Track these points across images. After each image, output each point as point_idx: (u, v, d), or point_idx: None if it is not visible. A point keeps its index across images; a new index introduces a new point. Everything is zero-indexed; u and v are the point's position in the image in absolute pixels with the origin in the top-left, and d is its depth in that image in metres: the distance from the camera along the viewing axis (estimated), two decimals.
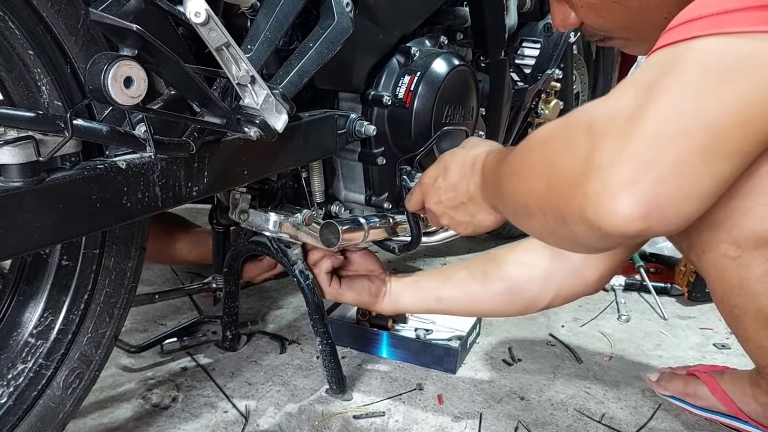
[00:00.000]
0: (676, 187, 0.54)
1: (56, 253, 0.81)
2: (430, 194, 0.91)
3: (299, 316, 1.41)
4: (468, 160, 0.84)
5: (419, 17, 1.09)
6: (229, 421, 1.03)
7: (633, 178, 0.54)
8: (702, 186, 0.54)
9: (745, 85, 0.54)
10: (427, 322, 1.32)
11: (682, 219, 0.55)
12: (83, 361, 0.84)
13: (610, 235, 0.56)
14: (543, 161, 0.65)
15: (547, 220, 0.64)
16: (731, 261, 0.65)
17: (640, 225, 0.54)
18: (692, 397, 1.06)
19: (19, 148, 0.62)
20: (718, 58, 0.55)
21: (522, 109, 1.47)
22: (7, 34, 0.66)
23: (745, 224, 0.62)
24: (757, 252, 0.63)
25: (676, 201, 0.54)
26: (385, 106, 1.03)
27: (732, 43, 0.55)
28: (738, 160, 0.56)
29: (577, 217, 0.58)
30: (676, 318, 1.44)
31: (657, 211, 0.54)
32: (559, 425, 1.04)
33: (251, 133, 0.77)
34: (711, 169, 0.54)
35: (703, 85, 0.54)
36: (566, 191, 0.59)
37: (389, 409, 1.07)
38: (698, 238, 0.67)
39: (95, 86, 0.60)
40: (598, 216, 0.56)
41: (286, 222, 1.03)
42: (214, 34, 0.67)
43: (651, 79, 0.57)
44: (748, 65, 0.54)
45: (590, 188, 0.56)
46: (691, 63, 0.55)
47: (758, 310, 0.66)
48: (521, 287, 1.02)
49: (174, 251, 1.43)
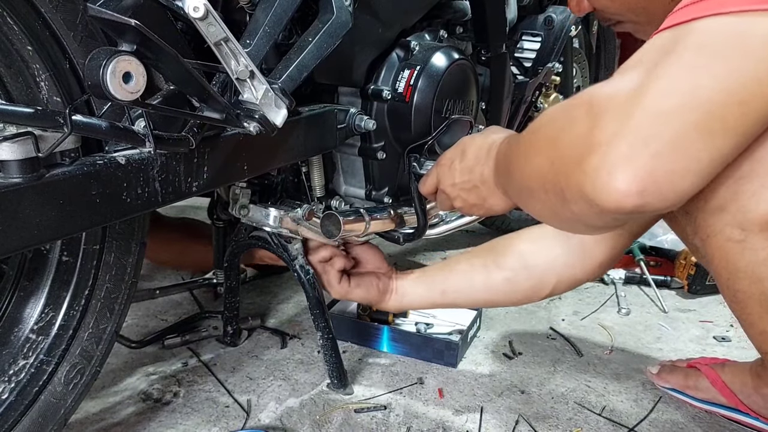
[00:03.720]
0: (672, 162, 0.54)
1: (57, 249, 0.81)
2: (445, 176, 0.92)
3: (300, 310, 1.41)
4: (485, 145, 0.85)
5: (419, 11, 1.08)
6: (231, 415, 1.04)
7: (630, 153, 0.54)
8: (699, 162, 0.55)
9: (740, 64, 0.55)
10: (428, 316, 1.32)
11: (678, 195, 0.56)
12: (84, 356, 0.84)
13: (607, 211, 0.57)
14: (546, 139, 0.66)
15: (549, 198, 0.65)
16: (736, 244, 0.65)
17: (636, 200, 0.55)
18: (693, 389, 1.06)
19: (19, 144, 0.62)
20: (715, 38, 0.56)
21: (522, 102, 1.46)
22: (6, 30, 0.66)
23: (749, 207, 0.62)
24: (761, 235, 0.63)
25: (673, 176, 0.55)
26: (384, 100, 1.02)
27: (729, 23, 0.56)
28: (735, 138, 0.56)
29: (576, 193, 0.59)
30: (676, 311, 1.44)
31: (653, 186, 0.55)
32: (560, 418, 1.04)
33: (251, 128, 0.77)
34: (708, 146, 0.55)
35: (700, 63, 0.55)
36: (566, 168, 0.60)
37: (390, 403, 1.08)
38: (703, 222, 0.67)
39: (94, 82, 0.59)
40: (595, 191, 0.56)
41: (287, 217, 1.03)
42: (213, 28, 0.67)
43: (651, 59, 0.58)
44: (744, 44, 0.55)
45: (588, 164, 0.57)
46: (690, 43, 0.56)
47: (762, 294, 0.65)
48: (522, 276, 1.02)
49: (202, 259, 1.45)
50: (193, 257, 1.47)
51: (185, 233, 1.51)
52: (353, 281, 1.09)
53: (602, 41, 1.96)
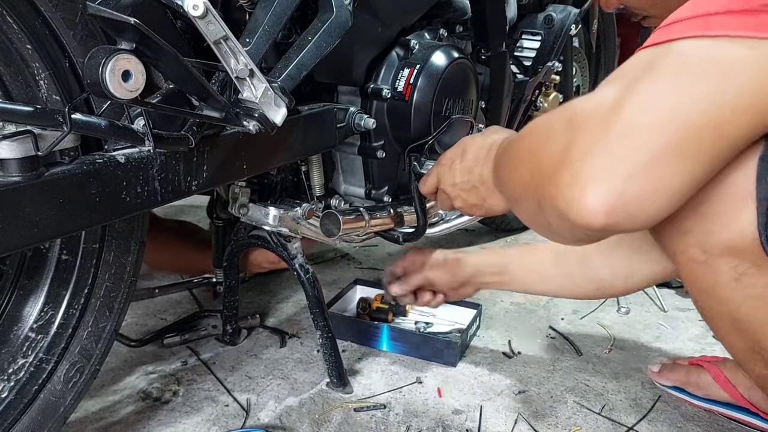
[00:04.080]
0: (644, 184, 0.54)
1: (56, 247, 0.81)
2: (446, 176, 0.92)
3: (299, 309, 1.41)
4: (485, 145, 0.86)
5: (419, 10, 1.08)
6: (230, 414, 1.04)
7: (603, 172, 0.55)
8: (670, 185, 0.55)
9: (718, 88, 0.54)
10: (427, 315, 1.32)
11: (648, 217, 0.56)
12: (84, 355, 0.84)
13: (577, 227, 0.58)
14: (528, 151, 0.67)
15: (529, 206, 0.66)
16: (700, 266, 0.65)
17: (605, 219, 0.55)
18: (694, 386, 1.06)
19: (18, 142, 0.62)
20: (695, 60, 0.56)
21: (522, 101, 1.46)
22: (5, 28, 0.66)
23: (711, 231, 0.62)
24: (722, 259, 0.62)
25: (643, 198, 0.55)
26: (384, 99, 1.02)
27: (710, 46, 0.56)
28: (708, 162, 0.56)
29: (550, 206, 0.59)
30: (675, 310, 1.44)
31: (623, 207, 0.55)
32: (559, 417, 1.04)
33: (250, 127, 0.77)
34: (680, 169, 0.55)
35: (678, 85, 0.55)
36: (543, 181, 0.61)
37: (390, 402, 1.08)
38: (668, 242, 0.67)
39: (93, 80, 0.59)
40: (567, 207, 0.57)
41: (286, 216, 1.03)
42: (213, 27, 0.67)
43: (632, 75, 0.58)
44: (723, 68, 0.55)
45: (562, 179, 0.57)
46: (669, 63, 0.56)
47: (727, 314, 0.66)
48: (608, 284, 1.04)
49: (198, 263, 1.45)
50: (189, 261, 1.47)
51: (181, 236, 1.51)
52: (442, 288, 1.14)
53: (602, 40, 1.96)
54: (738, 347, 0.69)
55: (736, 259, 0.62)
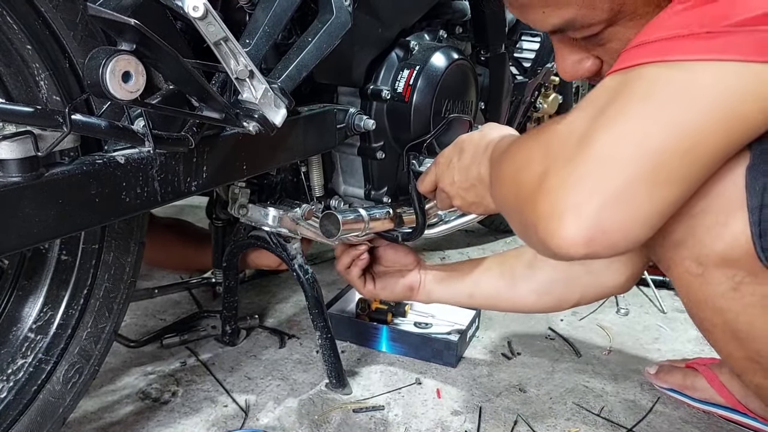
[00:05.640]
0: (619, 212, 0.55)
1: (55, 248, 0.81)
2: (444, 174, 0.92)
3: (298, 310, 1.41)
4: (482, 143, 0.86)
5: (418, 11, 1.08)
6: (229, 415, 1.04)
7: (577, 203, 0.56)
8: (645, 212, 0.56)
9: (685, 114, 0.55)
10: (427, 315, 1.32)
11: (628, 243, 0.57)
12: (83, 355, 0.84)
13: (558, 255, 0.59)
14: (511, 173, 0.68)
15: (515, 223, 0.68)
16: (695, 278, 0.65)
17: (584, 249, 0.56)
18: (690, 389, 1.06)
19: (18, 143, 0.62)
20: (661, 86, 0.56)
21: (522, 102, 1.46)
22: (5, 29, 0.66)
23: (704, 243, 0.62)
24: (718, 270, 0.63)
25: (621, 226, 0.55)
26: (384, 100, 1.02)
27: (673, 72, 0.56)
28: (681, 187, 0.57)
29: (532, 231, 0.61)
30: (674, 311, 1.44)
31: (601, 236, 0.56)
32: (558, 418, 1.04)
33: (250, 128, 0.77)
34: (654, 196, 0.55)
35: (644, 113, 0.56)
36: (525, 207, 0.62)
37: (389, 403, 1.08)
38: (663, 255, 0.67)
39: (93, 81, 0.59)
40: (546, 236, 0.58)
41: (286, 216, 1.03)
42: (213, 28, 0.67)
43: (601, 104, 0.59)
44: (688, 93, 0.55)
45: (540, 209, 0.59)
46: (634, 91, 0.57)
47: (725, 324, 0.66)
48: (547, 289, 1.03)
49: (196, 261, 1.45)
50: (187, 258, 1.47)
51: (177, 234, 1.50)
52: (379, 283, 1.11)
53: None
54: (736, 357, 0.69)
55: (732, 269, 0.62)
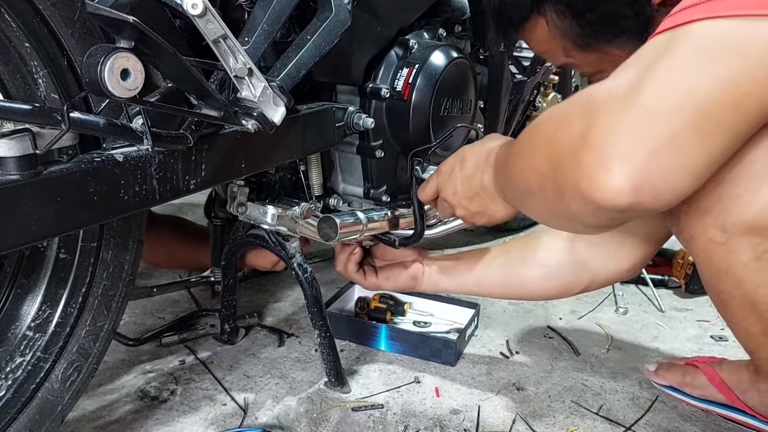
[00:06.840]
0: (668, 161, 0.55)
1: (54, 246, 0.80)
2: (446, 184, 0.92)
3: (297, 309, 1.41)
4: (484, 152, 0.86)
5: (418, 9, 1.08)
6: (228, 413, 1.04)
7: (626, 151, 0.55)
8: (694, 161, 0.56)
9: (736, 66, 0.56)
10: (426, 314, 1.32)
11: (673, 194, 0.57)
12: (81, 354, 0.84)
13: (603, 208, 0.58)
14: (544, 137, 0.67)
15: (548, 197, 0.65)
16: (718, 246, 0.65)
17: (631, 198, 0.56)
18: (690, 386, 1.06)
19: (16, 141, 0.62)
20: (712, 40, 0.57)
21: (521, 101, 1.46)
22: (4, 26, 0.66)
23: (731, 210, 0.63)
24: (742, 239, 0.63)
25: (669, 175, 0.55)
26: (383, 98, 1.02)
27: (725, 26, 0.57)
28: (730, 138, 0.57)
29: (572, 190, 0.59)
30: (673, 310, 1.44)
31: (649, 185, 0.55)
32: (557, 417, 1.04)
33: (249, 126, 0.77)
34: (703, 145, 0.56)
35: (697, 64, 0.56)
36: (564, 166, 0.61)
37: (387, 401, 1.08)
38: (686, 224, 0.67)
39: (92, 78, 0.59)
40: (591, 188, 0.57)
41: (285, 215, 1.03)
42: (212, 26, 0.67)
43: (650, 58, 0.59)
44: (740, 47, 0.56)
45: (585, 161, 0.57)
46: (687, 44, 0.57)
47: (744, 296, 0.66)
48: (557, 273, 1.03)
49: (193, 259, 1.45)
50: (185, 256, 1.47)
51: (175, 232, 1.50)
52: (381, 274, 1.11)
53: None
54: (753, 332, 0.69)
55: (757, 237, 0.62)
